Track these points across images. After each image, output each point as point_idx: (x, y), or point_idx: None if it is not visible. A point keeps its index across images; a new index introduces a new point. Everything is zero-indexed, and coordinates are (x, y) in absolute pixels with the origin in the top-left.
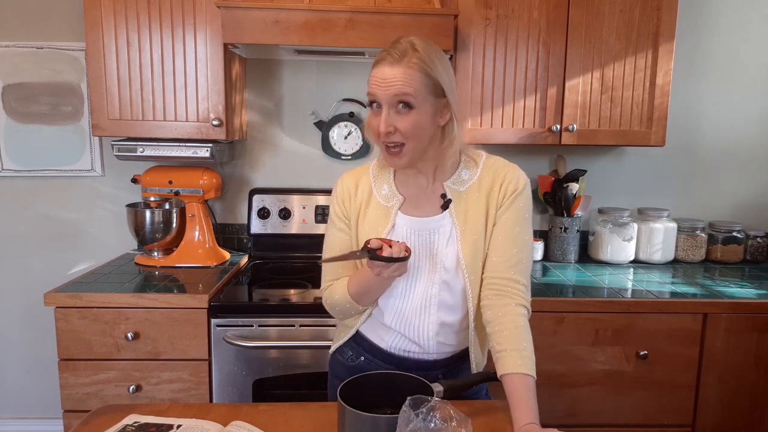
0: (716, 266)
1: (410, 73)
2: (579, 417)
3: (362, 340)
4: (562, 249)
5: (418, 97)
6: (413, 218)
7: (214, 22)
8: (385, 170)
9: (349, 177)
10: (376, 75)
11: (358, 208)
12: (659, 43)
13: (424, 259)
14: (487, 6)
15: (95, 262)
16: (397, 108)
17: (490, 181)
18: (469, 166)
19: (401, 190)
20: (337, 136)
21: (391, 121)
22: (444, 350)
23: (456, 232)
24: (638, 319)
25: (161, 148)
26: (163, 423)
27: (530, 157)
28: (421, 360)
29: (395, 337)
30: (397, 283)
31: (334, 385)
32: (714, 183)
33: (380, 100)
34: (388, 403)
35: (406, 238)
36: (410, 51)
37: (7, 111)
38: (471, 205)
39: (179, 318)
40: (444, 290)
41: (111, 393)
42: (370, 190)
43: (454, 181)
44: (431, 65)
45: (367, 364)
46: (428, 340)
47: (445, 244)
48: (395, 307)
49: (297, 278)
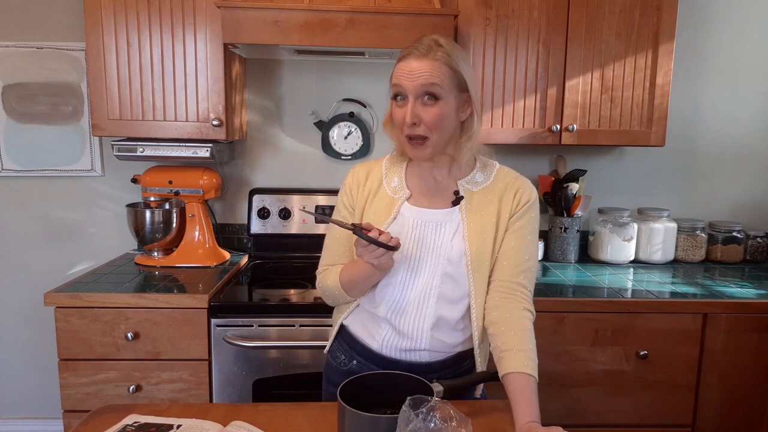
0: (716, 266)
1: (437, 66)
2: (579, 417)
3: (354, 342)
4: (562, 249)
5: (444, 88)
6: (421, 209)
7: (214, 22)
8: (398, 165)
9: (361, 167)
10: (402, 68)
11: (365, 197)
12: (659, 43)
13: (428, 250)
14: (487, 6)
15: (95, 262)
16: (423, 99)
17: (503, 187)
18: (483, 171)
19: (411, 183)
20: (337, 136)
21: (417, 112)
22: (437, 348)
23: (464, 228)
24: (638, 319)
25: (161, 148)
26: (163, 423)
27: (530, 157)
28: (414, 363)
29: (387, 332)
30: (397, 272)
31: (328, 390)
32: (714, 183)
33: (407, 91)
34: (388, 403)
35: (412, 228)
36: (435, 46)
37: (7, 111)
38: (482, 205)
39: (179, 318)
40: (446, 283)
41: (111, 393)
42: (380, 181)
43: (468, 181)
44: (456, 60)
45: (359, 368)
46: (423, 332)
47: (451, 237)
48: (393, 296)
49: (297, 278)
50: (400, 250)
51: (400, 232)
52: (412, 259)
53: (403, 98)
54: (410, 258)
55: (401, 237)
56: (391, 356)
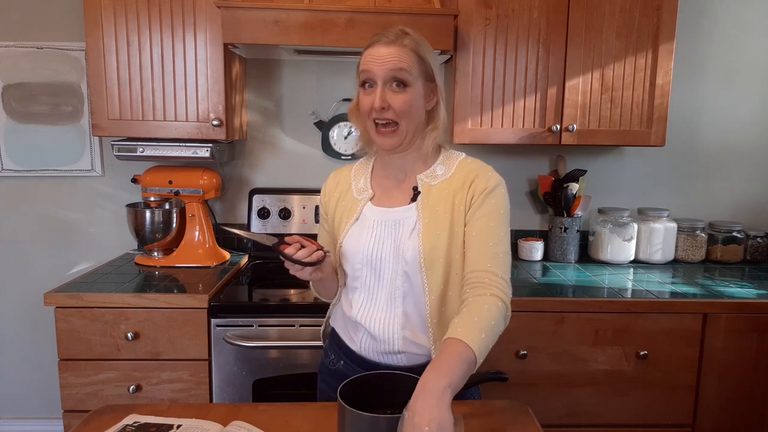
0: (716, 266)
1: (406, 52)
2: (579, 417)
3: (341, 343)
4: (562, 249)
5: (413, 74)
6: (381, 209)
7: (214, 22)
8: (364, 166)
9: (333, 175)
10: (371, 54)
11: (336, 201)
12: (659, 43)
13: (389, 250)
14: (487, 6)
15: (95, 262)
16: (391, 86)
17: (461, 180)
18: (445, 164)
19: (375, 183)
20: (337, 136)
21: (385, 97)
22: (412, 351)
23: (419, 225)
24: (638, 319)
25: (161, 148)
26: (163, 423)
27: (530, 157)
28: (393, 366)
29: (363, 335)
30: (361, 274)
31: (321, 387)
32: (714, 183)
33: (375, 76)
34: (388, 403)
35: (372, 228)
36: (402, 34)
37: (7, 111)
38: (438, 200)
39: (179, 318)
40: (407, 282)
41: (111, 393)
42: (348, 184)
43: (427, 175)
44: (422, 48)
45: (345, 368)
46: (393, 334)
47: (408, 235)
48: (362, 298)
49: (297, 278)
50: (363, 252)
51: (361, 234)
52: (374, 260)
53: (371, 85)
54: (372, 259)
55: (362, 238)
56: (371, 359)
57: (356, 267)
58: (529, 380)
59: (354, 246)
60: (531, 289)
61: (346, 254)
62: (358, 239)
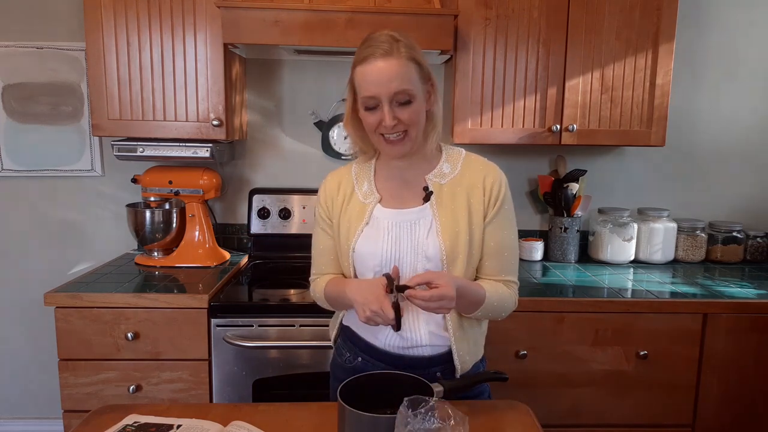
0: (716, 266)
1: (404, 63)
2: (579, 417)
3: (358, 340)
4: (562, 249)
5: (416, 87)
6: (394, 210)
7: (214, 22)
8: (365, 168)
9: (332, 178)
10: (371, 72)
11: (340, 206)
12: (659, 43)
13: (407, 249)
14: (487, 6)
15: (95, 262)
16: (397, 101)
17: (471, 176)
18: (450, 161)
19: (380, 186)
20: (337, 136)
21: (395, 114)
22: (437, 342)
23: (437, 224)
24: (638, 319)
25: (161, 148)
26: (163, 423)
27: (530, 157)
28: (416, 357)
29: (388, 332)
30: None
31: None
32: (714, 183)
33: (381, 100)
34: (388, 403)
35: (388, 230)
36: (394, 42)
37: (7, 111)
38: (452, 197)
39: (179, 318)
40: None
41: (111, 393)
42: (352, 187)
43: (435, 174)
44: (416, 52)
45: (364, 365)
46: (419, 329)
47: (426, 235)
48: None
49: (297, 278)
50: (381, 254)
51: (376, 236)
52: (392, 261)
53: (376, 104)
54: (391, 260)
55: (378, 240)
56: (395, 353)
57: (375, 270)
58: (529, 380)
59: (370, 249)
60: (531, 289)
61: (362, 257)
62: (374, 242)
